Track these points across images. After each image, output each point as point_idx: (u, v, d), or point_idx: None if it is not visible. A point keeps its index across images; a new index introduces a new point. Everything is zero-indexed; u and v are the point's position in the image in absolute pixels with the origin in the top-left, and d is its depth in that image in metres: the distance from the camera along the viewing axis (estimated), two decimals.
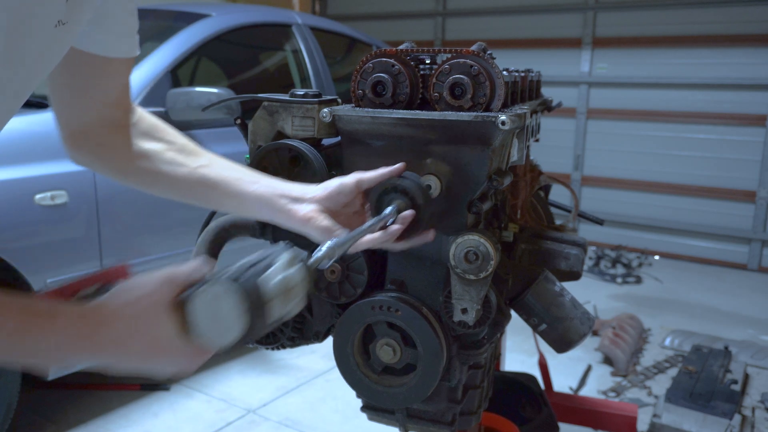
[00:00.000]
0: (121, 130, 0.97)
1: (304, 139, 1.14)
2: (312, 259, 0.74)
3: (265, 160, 1.13)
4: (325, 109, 1.09)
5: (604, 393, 2.88)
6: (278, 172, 1.13)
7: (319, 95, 1.15)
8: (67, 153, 0.99)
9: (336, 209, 0.95)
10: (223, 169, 0.98)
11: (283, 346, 1.27)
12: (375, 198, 0.96)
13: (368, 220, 0.93)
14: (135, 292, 0.68)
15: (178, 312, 0.67)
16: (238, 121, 1.25)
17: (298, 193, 0.95)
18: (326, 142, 1.20)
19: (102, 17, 0.84)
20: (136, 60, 2.64)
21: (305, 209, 0.93)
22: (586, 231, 5.36)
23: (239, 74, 3.50)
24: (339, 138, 1.14)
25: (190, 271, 0.70)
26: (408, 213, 0.92)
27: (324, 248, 0.77)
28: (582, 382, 3.00)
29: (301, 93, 1.15)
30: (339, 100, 1.19)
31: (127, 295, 0.69)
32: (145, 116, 1.01)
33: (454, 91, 1.04)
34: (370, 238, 0.91)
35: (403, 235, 0.95)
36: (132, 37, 0.91)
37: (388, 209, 0.93)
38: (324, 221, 0.92)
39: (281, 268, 0.68)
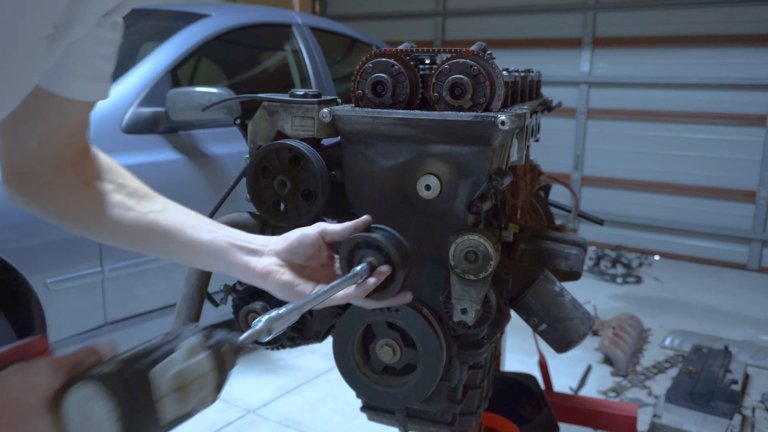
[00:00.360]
0: (69, 170, 0.87)
1: (304, 139, 1.14)
2: (245, 335, 0.63)
3: (265, 160, 1.13)
4: (325, 109, 1.09)
5: (604, 393, 2.88)
6: (278, 172, 1.13)
7: (318, 95, 1.15)
8: (5, 191, 0.88)
9: (299, 262, 0.87)
10: (177, 215, 0.90)
11: (283, 346, 1.27)
12: (345, 252, 0.87)
13: (336, 275, 0.86)
14: (8, 388, 0.56)
15: (55, 413, 0.55)
16: (238, 121, 1.25)
17: (257, 245, 0.87)
18: (326, 142, 1.20)
19: (70, 58, 0.77)
20: (139, 59, 2.66)
21: (264, 263, 0.85)
22: (586, 231, 5.36)
23: (239, 74, 3.50)
24: (339, 138, 1.14)
25: (81, 358, 0.58)
26: (384, 268, 0.84)
27: (262, 321, 0.66)
28: (582, 382, 3.00)
29: (301, 93, 1.15)
30: (339, 100, 1.19)
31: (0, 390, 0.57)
32: (100, 157, 0.92)
33: (454, 91, 1.04)
34: (342, 295, 0.82)
35: (376, 293, 0.86)
36: (101, 82, 0.84)
37: (358, 268, 0.83)
38: (284, 276, 0.84)
39: (181, 358, 0.56)
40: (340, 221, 1.19)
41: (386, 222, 1.11)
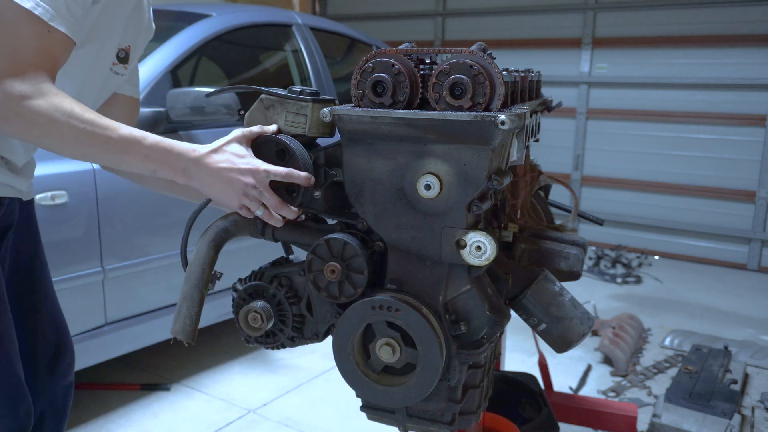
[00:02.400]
0: None
1: (295, 136, 1.15)
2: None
3: (255, 149, 1.15)
4: (325, 109, 1.09)
5: (604, 393, 2.88)
6: (267, 160, 1.15)
7: (315, 94, 1.16)
8: None
9: None
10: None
11: (283, 346, 1.27)
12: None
13: None
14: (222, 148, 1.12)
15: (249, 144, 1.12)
16: (242, 113, 1.26)
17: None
18: (326, 142, 1.20)
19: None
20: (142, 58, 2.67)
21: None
22: (586, 231, 5.36)
23: (239, 74, 3.51)
24: (338, 138, 1.15)
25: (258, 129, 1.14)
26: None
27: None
28: (582, 382, 3.00)
29: (298, 90, 1.16)
30: (337, 101, 1.19)
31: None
32: None
33: (454, 91, 1.04)
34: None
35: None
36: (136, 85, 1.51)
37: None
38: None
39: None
40: (340, 221, 1.19)
41: (386, 221, 1.12)
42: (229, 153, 1.10)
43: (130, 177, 1.46)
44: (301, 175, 1.11)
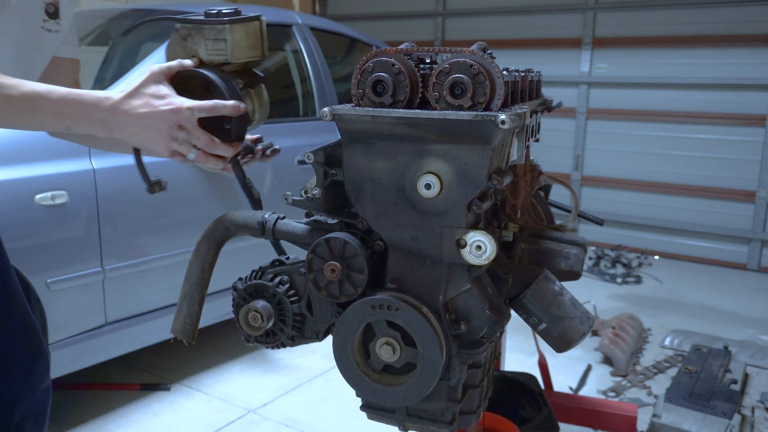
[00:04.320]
0: None
1: (219, 64, 1.10)
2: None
3: (179, 88, 1.09)
4: (325, 109, 1.09)
5: (604, 393, 2.88)
6: (195, 97, 1.09)
7: (235, 13, 1.08)
8: None
9: None
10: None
11: (283, 345, 1.27)
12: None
13: None
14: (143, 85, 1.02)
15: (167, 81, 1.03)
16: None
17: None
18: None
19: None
20: (139, 59, 2.66)
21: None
22: (586, 231, 5.36)
23: None
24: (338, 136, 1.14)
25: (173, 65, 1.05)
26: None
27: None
28: (582, 381, 3.00)
29: (215, 12, 1.08)
30: (262, 17, 1.13)
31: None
32: None
33: (454, 90, 1.04)
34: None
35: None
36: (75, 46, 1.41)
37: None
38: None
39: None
40: (340, 220, 1.19)
41: (386, 221, 1.12)
42: (147, 95, 1.00)
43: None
44: (227, 105, 1.03)
